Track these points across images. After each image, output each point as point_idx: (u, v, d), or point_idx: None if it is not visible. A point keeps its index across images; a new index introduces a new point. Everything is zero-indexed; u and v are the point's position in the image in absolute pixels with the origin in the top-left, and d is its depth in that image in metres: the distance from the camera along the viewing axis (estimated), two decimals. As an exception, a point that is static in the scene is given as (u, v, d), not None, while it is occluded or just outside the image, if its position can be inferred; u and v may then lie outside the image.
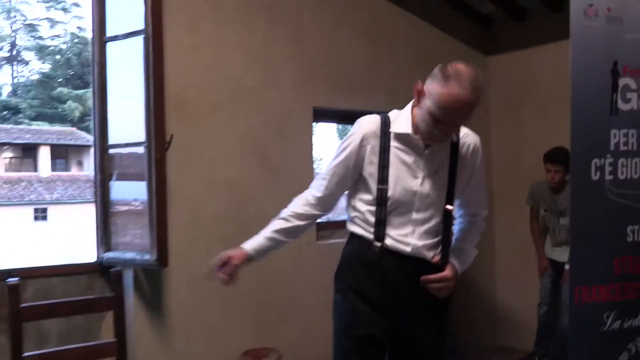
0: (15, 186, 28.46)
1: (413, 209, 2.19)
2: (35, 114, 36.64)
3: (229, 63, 3.88)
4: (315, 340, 4.13)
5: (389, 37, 4.62)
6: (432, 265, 2.19)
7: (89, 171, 31.27)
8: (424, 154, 2.19)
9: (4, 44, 40.31)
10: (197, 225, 3.69)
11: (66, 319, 3.36)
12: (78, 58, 38.82)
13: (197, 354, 3.69)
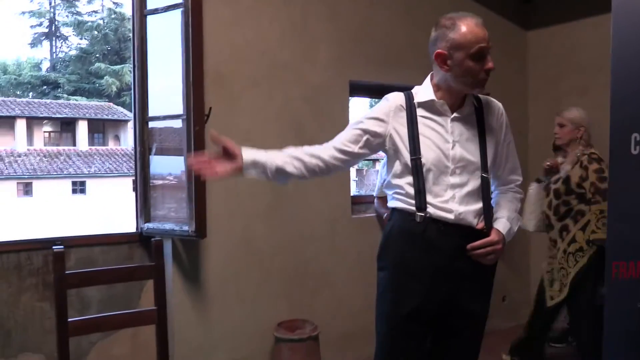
0: (55, 159, 28.93)
1: (448, 173, 2.16)
2: (73, 89, 37.18)
3: (267, 38, 3.88)
4: (349, 313, 4.17)
5: (425, 12, 4.54)
6: (477, 233, 2.16)
7: (125, 145, 31.71)
8: (450, 119, 2.19)
9: (43, 19, 40.82)
10: (234, 198, 3.73)
11: (107, 287, 3.45)
12: (115, 34, 39.14)
13: (233, 324, 3.75)
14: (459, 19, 2.08)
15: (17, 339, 3.28)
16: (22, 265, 3.29)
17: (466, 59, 2.06)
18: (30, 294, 3.31)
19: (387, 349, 2.25)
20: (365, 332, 4.20)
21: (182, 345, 2.76)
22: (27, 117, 29.46)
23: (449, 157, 2.16)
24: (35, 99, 34.64)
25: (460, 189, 2.16)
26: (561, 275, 3.75)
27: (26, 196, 26.91)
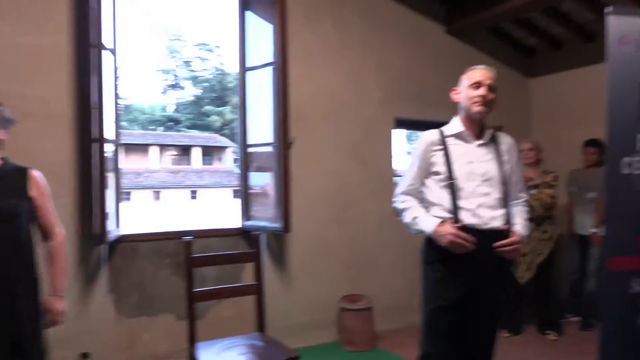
0: (177, 175, 29.81)
1: (476, 185, 2.11)
2: (190, 124, 38.28)
3: (332, 85, 3.89)
4: (392, 290, 4.10)
5: (451, 64, 4.47)
6: (501, 233, 2.08)
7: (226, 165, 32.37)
8: (475, 145, 2.17)
9: (169, 75, 42.33)
10: (309, 204, 3.74)
11: (219, 267, 3.50)
12: (219, 84, 40.17)
13: (309, 296, 3.75)
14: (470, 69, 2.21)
15: (157, 303, 3.37)
16: (160, 249, 3.39)
17: (467, 85, 2.17)
18: (166, 270, 3.40)
19: (429, 329, 2.19)
20: (405, 306, 4.15)
21: (272, 310, 2.78)
22: (158, 145, 30.52)
23: (475, 174, 2.12)
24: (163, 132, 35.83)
25: (486, 197, 2.11)
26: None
27: (157, 201, 27.82)
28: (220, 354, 2.32)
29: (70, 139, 2.99)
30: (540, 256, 3.83)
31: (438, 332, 2.15)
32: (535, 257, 3.84)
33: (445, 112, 4.17)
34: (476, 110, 2.13)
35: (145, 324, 3.34)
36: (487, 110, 2.15)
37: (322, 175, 3.82)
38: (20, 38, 2.88)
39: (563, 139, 4.69)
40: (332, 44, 3.90)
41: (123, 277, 3.26)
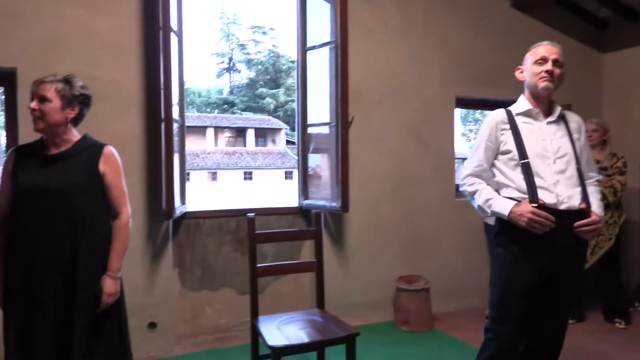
0: (232, 156, 30.50)
1: (550, 163, 2.02)
2: (244, 107, 38.97)
3: (392, 64, 3.83)
4: (449, 273, 4.05)
5: (516, 41, 4.26)
6: (579, 213, 1.98)
7: (279, 147, 32.76)
8: (545, 122, 2.10)
9: (224, 59, 43.09)
10: (367, 184, 3.73)
11: (278, 244, 3.58)
12: (273, 67, 40.51)
13: (365, 275, 3.76)
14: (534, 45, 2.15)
15: (218, 277, 3.50)
16: (222, 226, 3.50)
17: (531, 62, 2.11)
18: (227, 247, 3.51)
19: (499, 313, 2.11)
20: (462, 288, 4.09)
21: (330, 288, 2.81)
22: (214, 127, 31.28)
23: (548, 150, 2.04)
24: (219, 114, 36.65)
25: (562, 174, 2.02)
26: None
27: (213, 181, 28.64)
28: (281, 327, 2.38)
29: (139, 119, 3.12)
30: (607, 241, 3.66)
31: (507, 318, 2.08)
32: (601, 241, 3.67)
33: (509, 91, 4.05)
34: (542, 86, 2.05)
35: (208, 297, 3.48)
36: (554, 85, 2.06)
37: (380, 154, 3.79)
38: (94, 22, 3.01)
39: (636, 117, 4.41)
40: (392, 23, 3.83)
41: (187, 252, 3.40)
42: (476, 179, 2.16)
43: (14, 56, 2.86)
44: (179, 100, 3.26)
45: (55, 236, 1.85)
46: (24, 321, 1.86)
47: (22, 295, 1.86)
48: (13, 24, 2.85)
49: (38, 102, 1.86)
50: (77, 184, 1.89)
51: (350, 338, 2.30)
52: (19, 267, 1.86)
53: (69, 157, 1.92)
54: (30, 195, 1.85)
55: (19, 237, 1.86)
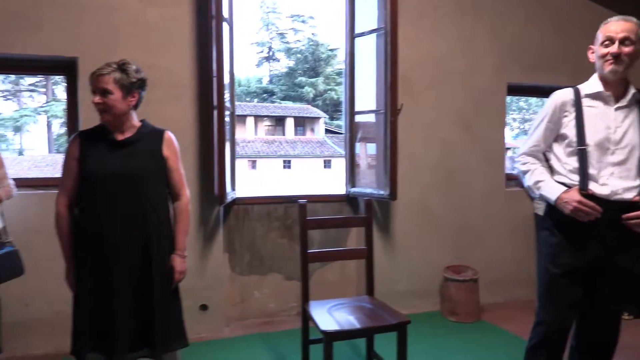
0: (271, 145, 30.74)
1: (609, 153, 1.94)
2: (283, 96, 39.07)
3: (442, 51, 3.75)
4: (498, 264, 3.97)
5: (572, 24, 4.11)
6: (630, 207, 1.90)
7: (317, 135, 32.78)
8: (613, 108, 1.97)
9: (264, 48, 43.31)
10: (415, 172, 3.69)
11: (325, 231, 3.60)
12: (312, 55, 40.39)
13: (412, 264, 3.74)
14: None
15: (267, 262, 3.56)
16: (270, 213, 3.55)
17: (599, 43, 1.98)
18: (275, 232, 3.57)
19: (545, 297, 2.08)
20: (511, 279, 4.00)
21: (377, 275, 2.81)
22: (254, 116, 31.60)
23: (610, 139, 1.95)
24: (258, 103, 36.98)
25: (619, 167, 1.93)
26: None
27: (252, 169, 28.99)
28: (332, 313, 2.41)
29: (192, 106, 3.19)
30: None
31: (553, 302, 2.05)
32: None
33: (564, 77, 3.92)
34: (608, 70, 1.94)
35: (256, 282, 3.55)
36: (622, 67, 1.92)
37: (428, 142, 3.74)
38: (148, 12, 3.09)
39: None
40: (442, 8, 3.74)
41: (236, 237, 3.48)
42: (530, 159, 2.12)
43: (74, 46, 2.97)
44: (229, 88, 3.31)
45: (130, 219, 1.93)
46: (98, 307, 1.92)
47: (96, 280, 1.92)
48: (73, 15, 2.96)
49: (101, 96, 1.92)
50: (146, 168, 1.97)
51: (402, 326, 2.30)
52: (92, 251, 1.92)
53: (135, 142, 1.99)
54: (104, 179, 1.91)
55: (92, 221, 1.92)
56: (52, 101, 26.36)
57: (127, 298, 1.93)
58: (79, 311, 1.97)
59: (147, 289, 1.95)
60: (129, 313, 1.93)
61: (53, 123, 27.16)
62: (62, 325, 2.93)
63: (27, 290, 2.91)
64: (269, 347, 3.10)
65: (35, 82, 27.80)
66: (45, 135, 27.98)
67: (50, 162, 20.83)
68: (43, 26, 2.91)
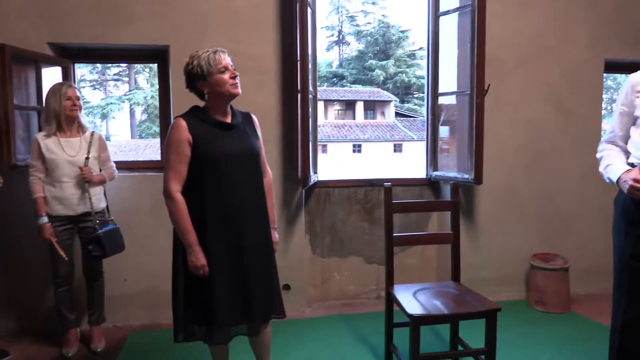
0: (341, 129, 30.78)
1: None
2: (353, 79, 38.85)
3: (533, 26, 3.55)
4: (590, 253, 3.75)
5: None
6: None
7: (388, 119, 32.39)
8: None
9: (334, 32, 43.16)
10: (501, 155, 3.55)
11: (405, 215, 3.58)
12: (382, 38, 39.71)
13: (496, 250, 3.63)
14: None
15: (347, 245, 3.60)
16: (350, 196, 3.58)
17: None
18: (355, 216, 3.59)
19: (617, 281, 2.00)
20: (605, 270, 3.72)
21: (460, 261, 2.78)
22: (324, 100, 31.72)
23: None
24: (328, 87, 37.04)
25: None
26: None
27: (323, 153, 29.21)
28: (417, 297, 2.39)
29: (276, 91, 3.26)
30: None
31: (622, 287, 1.96)
32: None
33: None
34: None
35: (336, 264, 3.60)
36: None
37: (516, 124, 3.58)
38: (235, 0, 3.17)
39: None
40: (533, -20, 3.54)
41: (318, 220, 3.54)
42: (607, 145, 2.05)
43: (166, 35, 3.12)
44: (312, 72, 3.34)
45: (254, 195, 2.06)
46: (234, 282, 2.00)
47: (231, 257, 1.99)
48: (164, 5, 3.11)
49: (234, 70, 2.01)
50: (256, 146, 2.10)
51: (492, 313, 2.25)
52: (225, 229, 1.98)
53: (239, 124, 2.08)
54: (230, 159, 1.98)
55: (222, 201, 1.97)
56: (135, 89, 27.97)
57: (255, 269, 2.04)
58: (218, 285, 1.97)
59: (266, 260, 2.10)
60: (258, 283, 2.05)
61: (135, 110, 28.85)
62: (155, 298, 3.16)
63: (126, 265, 3.14)
64: (351, 328, 3.14)
65: (119, 72, 29.60)
66: (128, 121, 29.78)
67: (133, 147, 22.22)
68: (136, 17, 3.08)
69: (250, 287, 2.02)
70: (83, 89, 28.70)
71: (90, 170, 2.71)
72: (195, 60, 1.99)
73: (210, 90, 2.00)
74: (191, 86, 2.05)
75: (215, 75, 1.96)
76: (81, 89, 27.85)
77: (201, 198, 1.97)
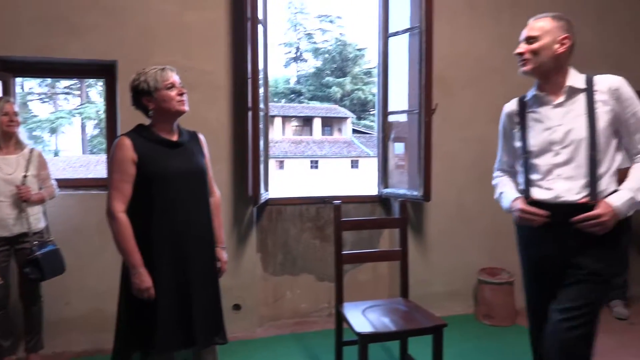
0: (298, 145, 30.90)
1: (551, 155, 1.87)
2: (311, 96, 39.24)
3: (479, 48, 3.69)
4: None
5: (617, 19, 3.99)
6: (581, 206, 1.79)
7: (345, 136, 32.76)
8: (551, 106, 1.90)
9: (292, 48, 43.54)
10: (450, 172, 3.64)
11: (357, 232, 3.59)
12: (340, 55, 40.40)
13: (446, 266, 3.69)
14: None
15: (299, 263, 3.57)
16: (302, 213, 3.56)
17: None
18: (308, 233, 3.58)
19: (523, 286, 2.14)
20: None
21: (410, 277, 2.80)
22: (281, 116, 31.82)
23: (554, 140, 1.87)
24: (286, 103, 37.19)
25: (565, 167, 1.85)
26: None
27: (280, 170, 29.19)
28: (366, 314, 2.40)
29: (227, 108, 3.23)
30: None
31: (527, 303, 2.11)
32: None
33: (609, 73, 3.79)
34: (519, 71, 1.96)
35: (289, 282, 3.56)
36: (531, 66, 1.91)
37: (464, 141, 3.69)
38: (185, 15, 3.14)
39: None
40: (479, 5, 3.69)
41: (269, 237, 3.50)
42: (498, 172, 2.20)
43: (113, 50, 3.05)
44: (263, 89, 3.34)
45: (200, 214, 2.02)
46: (179, 302, 1.95)
47: (175, 277, 1.94)
48: (113, 19, 3.04)
49: (182, 88, 2.00)
50: (203, 165, 2.08)
51: (438, 329, 2.28)
52: (171, 249, 1.93)
53: (186, 142, 2.06)
54: (176, 178, 1.94)
55: (169, 220, 1.92)
56: (87, 103, 27.14)
57: (199, 290, 1.99)
58: (162, 308, 1.91)
59: (213, 280, 2.08)
60: (202, 306, 2.01)
61: (87, 125, 27.96)
62: (100, 322, 3.03)
63: (68, 288, 3.00)
64: (302, 347, 3.11)
65: (70, 85, 28.68)
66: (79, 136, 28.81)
67: (84, 163, 21.46)
68: (83, 30, 3.00)
69: (194, 311, 1.97)
70: (31, 102, 27.56)
71: (28, 189, 2.59)
72: (142, 76, 1.96)
73: (156, 106, 1.97)
74: (137, 102, 2.01)
75: (162, 91, 1.94)
76: (29, 102, 26.68)
77: (146, 217, 1.91)
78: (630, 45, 4.04)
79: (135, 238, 1.89)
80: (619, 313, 3.61)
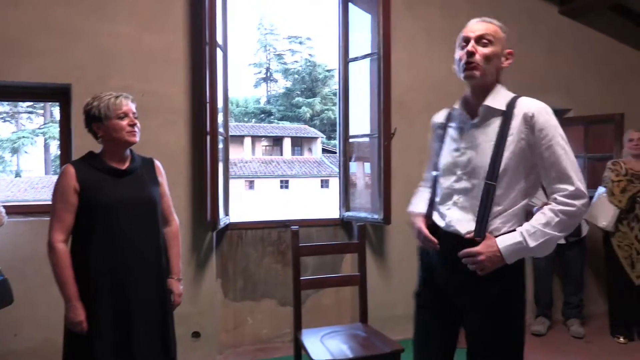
0: (268, 165, 30.80)
1: (454, 180, 1.68)
2: (281, 116, 39.35)
3: (437, 73, 3.76)
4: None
5: (565, 47, 4.17)
6: (469, 242, 1.59)
7: (315, 155, 32.88)
8: (468, 125, 1.69)
9: (261, 69, 43.73)
10: (410, 195, 3.65)
11: (319, 257, 3.56)
12: (309, 76, 40.78)
13: (407, 289, 3.62)
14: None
15: (260, 288, 3.52)
16: (264, 238, 3.52)
17: (457, 52, 1.72)
18: (269, 258, 3.53)
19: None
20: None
21: (371, 301, 2.79)
22: (251, 136, 31.73)
23: (456, 164, 1.68)
24: (256, 123, 37.16)
25: (463, 196, 1.65)
26: None
27: (250, 190, 28.97)
28: (324, 341, 2.37)
29: (186, 132, 3.19)
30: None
31: (415, 334, 1.92)
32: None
33: (558, 99, 3.95)
34: (463, 75, 1.67)
35: (250, 308, 3.50)
36: (480, 73, 1.63)
37: (423, 165, 3.73)
38: (144, 39, 3.11)
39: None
40: (436, 31, 3.78)
41: (230, 263, 3.44)
42: (422, 183, 2.01)
43: (68, 73, 2.98)
44: (223, 113, 3.32)
45: (148, 245, 1.96)
46: (117, 336, 1.87)
47: (114, 310, 1.87)
48: (67, 41, 2.98)
49: (134, 118, 1.95)
50: (155, 194, 2.02)
51: (395, 354, 2.28)
52: (111, 279, 1.86)
53: (136, 170, 2.00)
54: (121, 208, 1.89)
55: (109, 252, 1.86)
56: (50, 123, 26.47)
57: (142, 321, 1.91)
58: (98, 340, 1.85)
59: (158, 314, 1.98)
60: (145, 335, 1.93)
61: (51, 145, 27.22)
62: (50, 353, 2.89)
63: (17, 319, 2.87)
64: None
65: (33, 104, 27.97)
66: (42, 156, 28.01)
67: (47, 184, 20.80)
68: (36, 53, 2.92)
69: (134, 341, 1.90)
70: (-9, 121, 26.74)
71: (-28, 217, 2.47)
72: (96, 101, 1.93)
73: (105, 134, 1.93)
74: (88, 127, 1.97)
75: (113, 120, 1.90)
76: (-12, 122, 25.70)
77: (87, 248, 1.85)
78: (576, 69, 4.22)
79: (74, 268, 1.85)
80: (575, 332, 3.68)
